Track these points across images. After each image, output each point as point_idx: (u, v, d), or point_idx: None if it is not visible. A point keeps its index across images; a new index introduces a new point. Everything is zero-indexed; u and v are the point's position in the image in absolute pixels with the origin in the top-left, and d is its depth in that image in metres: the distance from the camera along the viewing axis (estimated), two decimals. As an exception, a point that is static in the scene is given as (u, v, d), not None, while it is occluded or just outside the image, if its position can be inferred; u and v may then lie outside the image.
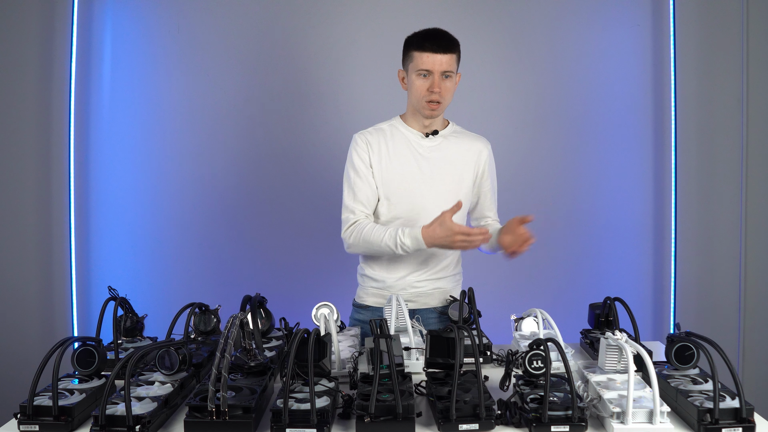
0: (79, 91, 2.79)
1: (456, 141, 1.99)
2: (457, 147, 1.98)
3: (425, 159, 1.95)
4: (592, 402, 1.29)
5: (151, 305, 2.01)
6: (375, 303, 2.03)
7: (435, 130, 1.97)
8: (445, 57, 1.84)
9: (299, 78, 2.87)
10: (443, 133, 1.99)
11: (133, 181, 2.86)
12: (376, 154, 1.95)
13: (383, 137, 1.97)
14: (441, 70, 1.85)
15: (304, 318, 1.68)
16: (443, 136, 1.98)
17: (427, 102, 1.88)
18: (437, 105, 1.89)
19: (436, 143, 1.97)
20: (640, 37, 2.86)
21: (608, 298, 1.75)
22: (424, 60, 1.85)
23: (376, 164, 1.94)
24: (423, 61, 1.85)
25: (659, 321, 2.93)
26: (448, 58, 1.85)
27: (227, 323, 1.30)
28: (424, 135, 1.97)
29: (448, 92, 1.89)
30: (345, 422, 1.29)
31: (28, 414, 1.24)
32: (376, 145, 1.95)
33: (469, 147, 1.99)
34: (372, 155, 1.95)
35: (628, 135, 2.89)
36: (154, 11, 2.82)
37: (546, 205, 2.90)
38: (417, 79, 1.88)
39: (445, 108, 1.94)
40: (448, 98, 1.91)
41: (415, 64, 1.87)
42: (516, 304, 1.99)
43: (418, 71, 1.87)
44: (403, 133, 1.97)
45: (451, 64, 1.86)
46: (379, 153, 1.95)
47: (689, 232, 2.88)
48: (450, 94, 1.91)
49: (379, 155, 1.94)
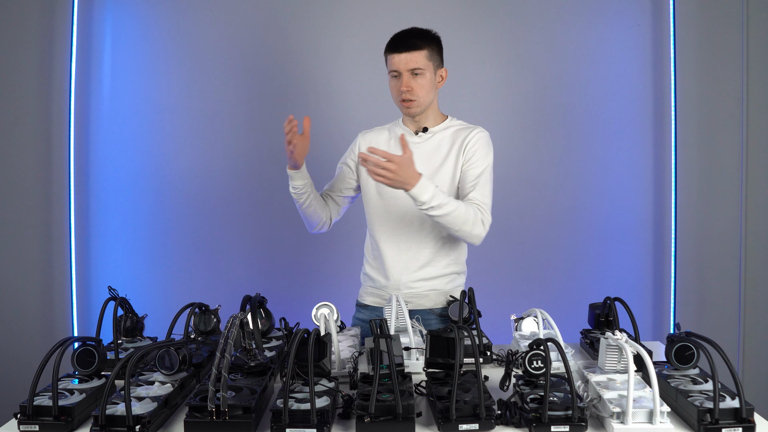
0: (79, 91, 2.79)
1: (446, 135, 1.99)
2: (444, 140, 1.99)
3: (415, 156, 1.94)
4: (592, 402, 1.29)
5: (151, 305, 2.01)
6: (373, 303, 2.05)
7: (425, 127, 1.99)
8: (410, 55, 1.88)
9: (299, 78, 2.87)
10: (435, 129, 2.00)
11: (133, 181, 2.86)
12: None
13: (381, 137, 2.05)
14: (408, 68, 1.88)
15: (304, 318, 1.68)
16: (433, 132, 2.00)
17: (401, 101, 1.94)
18: (411, 103, 1.92)
19: (424, 139, 1.99)
20: (640, 37, 2.85)
21: (608, 298, 1.75)
22: (393, 61, 1.91)
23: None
24: (392, 62, 1.91)
25: (659, 321, 2.93)
26: (414, 55, 1.88)
27: (227, 323, 1.30)
28: (415, 133, 2.01)
29: (421, 88, 1.91)
30: (345, 422, 1.29)
31: (28, 414, 1.24)
32: (371, 143, 2.01)
33: (458, 136, 1.98)
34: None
35: (628, 135, 2.89)
36: (154, 11, 2.83)
37: (546, 205, 2.90)
38: (391, 80, 1.95)
39: (423, 104, 1.94)
40: (422, 95, 1.92)
41: (388, 66, 1.94)
42: (516, 304, 1.99)
43: (390, 72, 1.94)
44: (399, 132, 2.03)
45: (418, 61, 1.88)
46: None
47: (689, 232, 2.88)
48: (424, 91, 1.92)
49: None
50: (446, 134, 1.99)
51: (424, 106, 1.95)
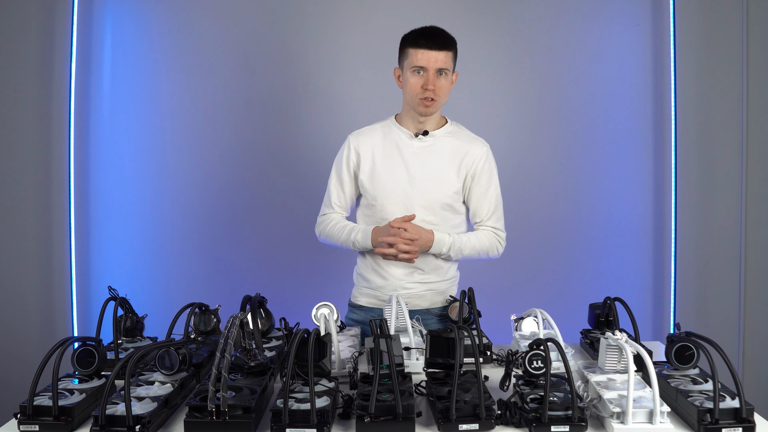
0: (79, 91, 2.79)
1: (448, 141, 1.97)
2: (448, 148, 1.96)
3: (413, 160, 1.94)
4: (592, 402, 1.29)
5: (151, 305, 2.01)
6: (368, 303, 2.04)
7: (426, 130, 1.95)
8: (440, 54, 1.84)
9: (299, 78, 2.87)
10: (436, 133, 1.97)
11: (132, 181, 2.86)
12: (365, 158, 1.97)
13: (375, 138, 1.99)
14: (436, 67, 1.85)
15: (304, 318, 1.68)
16: (435, 137, 1.96)
17: (421, 99, 1.88)
18: (431, 102, 1.88)
19: (426, 144, 1.96)
20: (640, 37, 2.85)
21: (608, 298, 1.75)
22: (418, 57, 1.85)
23: (363, 167, 1.97)
24: (418, 58, 1.85)
25: (659, 321, 2.93)
26: (443, 55, 1.84)
27: (227, 323, 1.30)
28: (414, 135, 1.96)
29: (443, 90, 1.89)
30: (345, 422, 1.29)
31: (28, 414, 1.24)
32: (365, 147, 1.98)
33: (460, 147, 1.96)
34: (360, 160, 1.98)
35: (628, 135, 2.89)
36: (154, 11, 2.83)
37: (546, 205, 2.90)
38: (412, 76, 1.88)
39: (440, 106, 1.93)
40: (442, 96, 1.90)
41: (410, 61, 1.87)
42: (516, 304, 1.99)
43: (413, 68, 1.87)
44: (395, 133, 1.98)
45: (446, 61, 1.85)
46: (366, 156, 1.97)
47: (689, 232, 2.88)
48: (445, 92, 1.90)
49: (367, 158, 1.97)
50: (447, 141, 1.97)
51: (440, 107, 1.94)
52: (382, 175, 1.95)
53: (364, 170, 1.97)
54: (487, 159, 1.98)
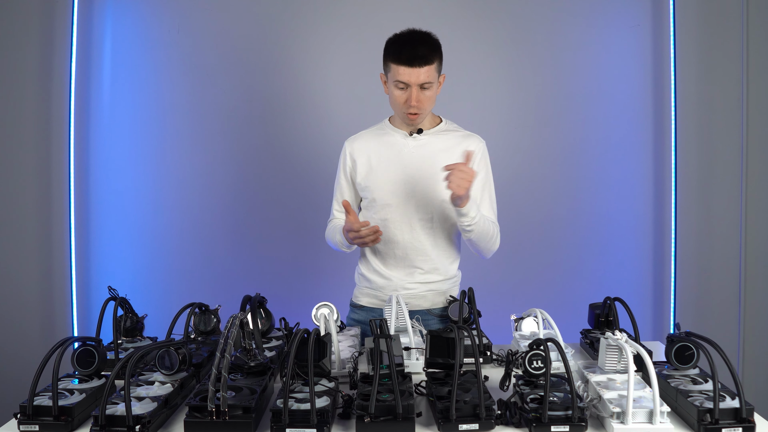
0: (79, 91, 2.79)
1: (443, 139, 1.97)
2: (443, 145, 1.96)
3: (409, 159, 1.95)
4: (592, 402, 1.29)
5: (151, 305, 2.01)
6: (369, 303, 2.04)
7: (420, 128, 1.96)
8: (422, 70, 1.81)
9: (299, 79, 2.88)
10: (430, 131, 1.98)
11: (132, 181, 2.86)
12: (360, 162, 1.98)
13: (369, 141, 2.00)
14: (418, 83, 1.83)
15: (304, 318, 1.68)
16: (429, 134, 1.97)
17: (406, 113, 1.88)
18: (416, 116, 1.89)
19: (421, 142, 1.96)
20: (640, 37, 2.86)
21: (608, 298, 1.75)
22: (401, 72, 1.82)
23: (360, 171, 1.98)
24: (400, 74, 1.83)
25: (659, 321, 2.93)
26: (425, 70, 1.82)
27: (227, 323, 1.30)
28: (409, 134, 1.97)
29: (428, 101, 1.88)
30: (345, 422, 1.29)
31: (28, 414, 1.24)
32: (360, 152, 1.99)
33: (456, 144, 1.96)
34: (356, 164, 1.99)
35: (628, 135, 2.89)
36: (154, 12, 2.83)
37: (546, 205, 2.90)
38: (395, 90, 1.87)
39: (426, 115, 1.93)
40: (427, 107, 1.89)
41: (392, 75, 1.86)
42: (516, 304, 1.99)
43: (396, 82, 1.85)
44: (390, 134, 1.99)
45: (429, 75, 1.83)
46: (362, 160, 1.98)
47: (689, 232, 2.88)
48: (430, 103, 1.89)
49: (362, 162, 1.98)
50: (442, 138, 1.97)
51: (426, 115, 1.94)
52: (379, 175, 1.96)
53: (360, 173, 1.98)
54: (483, 154, 1.99)
